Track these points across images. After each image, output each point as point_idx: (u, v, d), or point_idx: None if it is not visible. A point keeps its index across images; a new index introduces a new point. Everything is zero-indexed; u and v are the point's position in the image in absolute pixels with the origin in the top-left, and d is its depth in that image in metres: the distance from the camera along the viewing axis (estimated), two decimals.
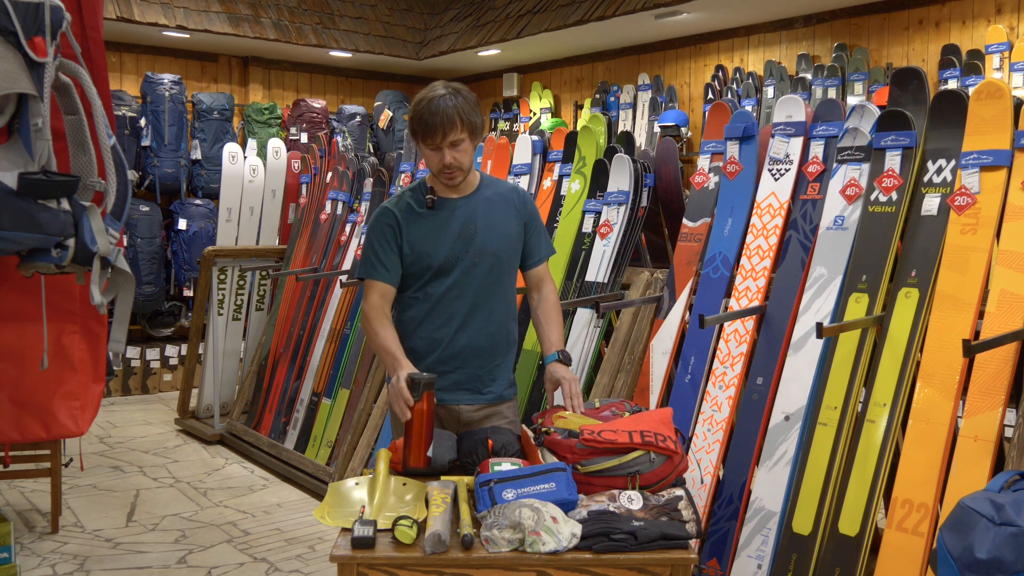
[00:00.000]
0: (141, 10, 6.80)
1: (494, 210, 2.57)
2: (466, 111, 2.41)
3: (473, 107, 2.45)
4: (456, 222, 2.52)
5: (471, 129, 2.43)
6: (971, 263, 2.55)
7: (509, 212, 2.59)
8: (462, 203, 2.55)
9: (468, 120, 2.41)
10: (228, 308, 5.84)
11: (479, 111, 2.49)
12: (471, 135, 2.44)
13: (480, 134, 2.50)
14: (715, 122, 3.40)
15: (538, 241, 2.68)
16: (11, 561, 3.36)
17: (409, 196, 2.57)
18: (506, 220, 2.58)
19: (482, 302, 2.54)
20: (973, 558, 1.75)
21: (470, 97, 2.46)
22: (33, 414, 3.63)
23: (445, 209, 2.53)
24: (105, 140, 3.16)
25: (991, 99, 2.60)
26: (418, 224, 2.52)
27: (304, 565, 3.69)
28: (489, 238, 2.54)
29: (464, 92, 2.44)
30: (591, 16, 6.58)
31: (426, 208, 2.52)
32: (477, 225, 2.53)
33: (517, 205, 2.62)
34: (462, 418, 2.56)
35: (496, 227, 2.56)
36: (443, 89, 2.42)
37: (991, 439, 2.37)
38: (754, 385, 2.97)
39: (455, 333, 2.53)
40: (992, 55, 5.12)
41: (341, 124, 7.93)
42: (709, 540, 2.93)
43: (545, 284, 2.70)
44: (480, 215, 2.54)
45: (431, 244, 2.51)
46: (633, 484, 2.10)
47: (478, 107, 2.49)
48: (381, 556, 1.89)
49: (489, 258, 2.53)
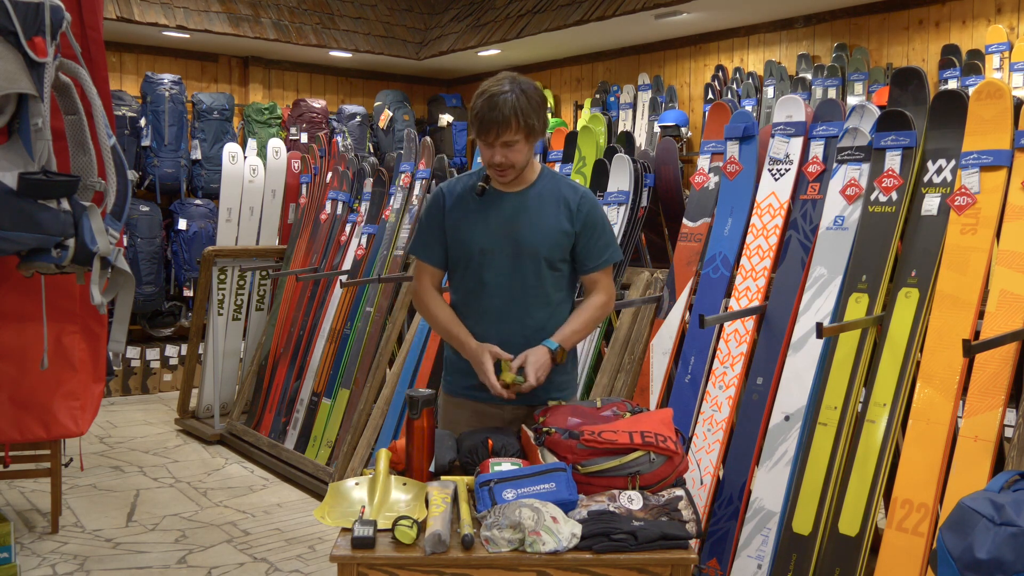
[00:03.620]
0: (141, 10, 6.80)
1: (545, 209, 2.46)
2: (526, 111, 2.30)
3: (536, 107, 2.34)
4: (501, 215, 2.45)
5: (528, 131, 2.33)
6: (971, 263, 2.55)
7: (560, 213, 2.47)
8: (512, 197, 2.47)
9: (526, 122, 2.31)
10: (228, 308, 5.83)
11: (542, 110, 2.37)
12: (527, 136, 2.34)
13: (540, 134, 2.40)
14: (715, 122, 3.40)
15: (594, 246, 2.50)
16: (11, 561, 3.36)
17: (466, 180, 2.52)
18: (555, 220, 2.46)
19: (519, 300, 2.46)
20: (973, 558, 1.75)
21: (534, 96, 2.35)
22: (33, 414, 3.63)
23: (494, 200, 2.47)
24: (105, 140, 3.16)
25: (991, 99, 2.60)
26: (463, 210, 2.47)
27: (304, 565, 3.69)
28: (532, 236, 2.44)
29: (529, 90, 2.34)
30: (591, 16, 6.57)
31: (476, 195, 2.47)
32: (522, 221, 2.44)
33: (573, 207, 2.48)
34: (506, 416, 2.50)
35: (542, 226, 2.45)
36: (507, 84, 2.31)
37: (991, 439, 2.37)
38: (754, 385, 2.97)
39: (489, 328, 2.46)
40: (992, 55, 5.12)
41: (341, 124, 7.93)
42: (709, 540, 2.93)
43: (596, 290, 2.54)
44: (527, 212, 2.45)
45: (469, 232, 2.45)
46: (633, 484, 2.10)
47: (543, 106, 2.38)
48: (381, 556, 1.89)
49: (529, 256, 2.44)
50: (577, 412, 2.32)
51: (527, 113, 2.31)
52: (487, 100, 2.31)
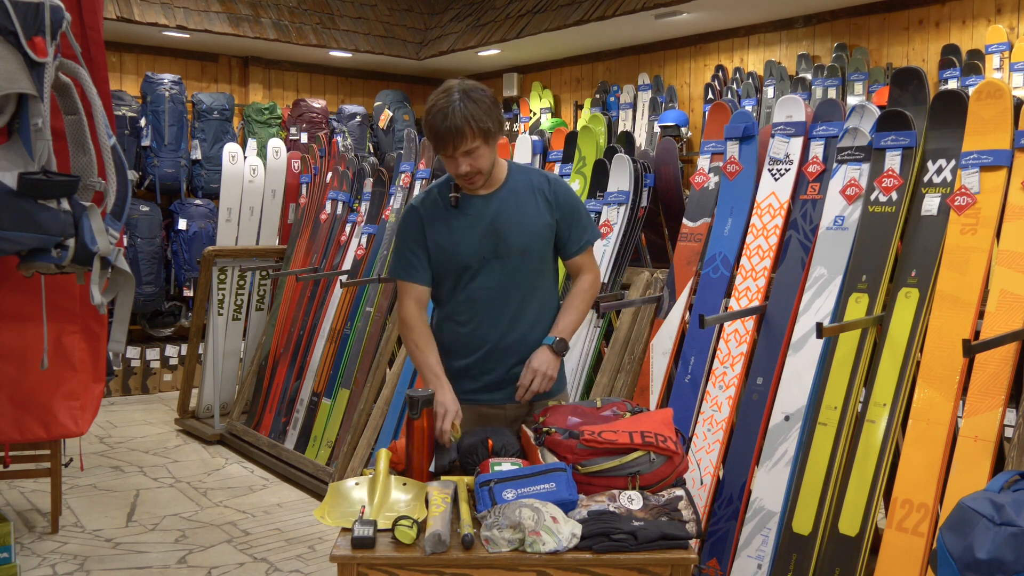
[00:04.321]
0: (141, 10, 6.80)
1: (523, 204, 2.46)
2: (477, 117, 2.27)
3: (486, 110, 2.30)
4: (482, 221, 2.43)
5: (484, 135, 2.30)
6: (971, 263, 2.55)
7: (539, 204, 2.47)
8: (487, 200, 2.45)
9: (480, 127, 2.28)
10: (228, 308, 5.83)
11: (495, 111, 2.34)
12: (486, 140, 2.31)
13: (498, 135, 2.38)
14: (715, 122, 3.40)
15: (575, 230, 2.52)
16: (11, 561, 3.36)
17: (436, 193, 2.49)
18: (536, 214, 2.46)
19: (511, 299, 2.46)
20: (973, 558, 1.75)
21: (483, 99, 2.31)
22: (33, 414, 3.63)
23: (471, 207, 2.44)
24: (105, 140, 3.16)
25: (991, 99, 2.60)
26: (443, 222, 2.44)
27: (304, 565, 3.69)
28: (518, 235, 2.43)
29: (476, 94, 2.31)
30: (591, 16, 6.58)
31: (451, 206, 2.44)
32: (504, 222, 2.43)
33: (549, 196, 2.48)
34: (508, 415, 2.52)
35: (525, 223, 2.45)
36: (455, 94, 2.28)
37: (991, 439, 2.37)
38: (754, 385, 2.97)
39: (487, 333, 2.46)
40: (992, 55, 5.12)
41: (341, 124, 7.93)
42: (709, 540, 2.93)
43: (582, 273, 2.57)
44: (507, 211, 2.44)
45: (455, 243, 2.43)
46: (633, 484, 2.10)
47: (494, 107, 2.35)
48: (381, 556, 1.89)
49: (517, 256, 2.44)
50: (577, 412, 2.33)
51: (479, 118, 2.28)
52: (437, 114, 2.28)
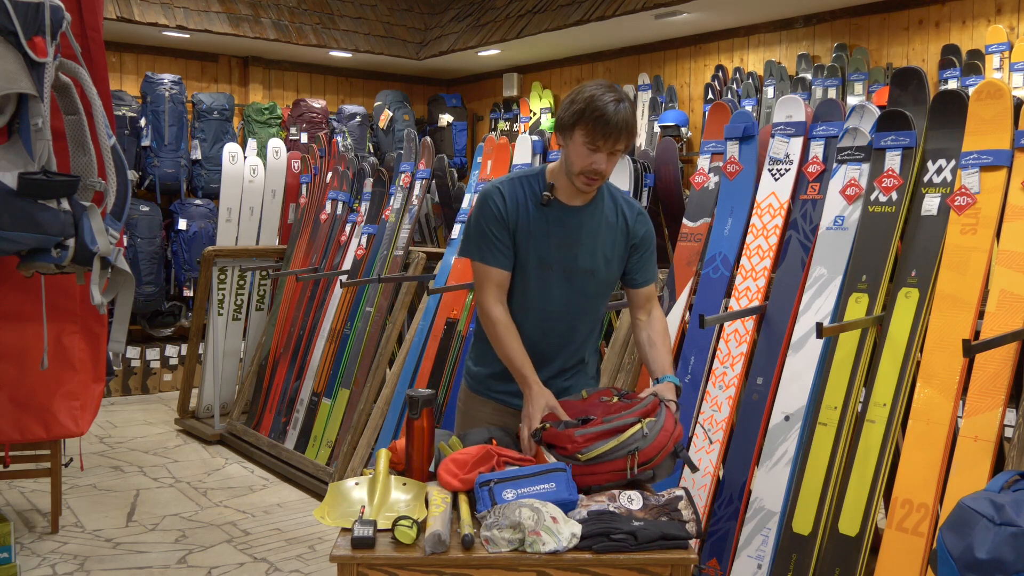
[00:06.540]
0: (141, 10, 6.80)
1: (604, 228, 2.41)
2: (632, 125, 2.28)
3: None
4: (562, 229, 2.37)
5: (628, 144, 2.31)
6: (971, 263, 2.55)
7: (618, 231, 2.43)
8: (575, 211, 2.38)
9: (630, 134, 2.29)
10: (228, 308, 5.84)
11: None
12: (625, 149, 2.33)
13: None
14: (715, 122, 3.40)
15: (647, 263, 2.51)
16: (11, 561, 3.36)
17: (522, 183, 2.40)
18: (613, 239, 2.42)
19: (567, 315, 2.41)
20: (973, 558, 1.75)
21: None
22: (33, 414, 3.63)
23: (555, 211, 2.37)
24: (105, 140, 3.16)
25: (991, 99, 2.60)
26: (524, 217, 2.37)
27: (304, 565, 3.69)
28: (590, 257, 2.39)
29: (630, 101, 2.32)
30: (591, 16, 6.57)
31: (539, 204, 2.37)
32: (581, 239, 2.38)
33: (631, 225, 2.45)
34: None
35: (601, 248, 2.40)
36: (622, 94, 2.27)
37: (991, 439, 2.37)
38: (754, 385, 2.97)
39: (534, 342, 2.39)
40: (992, 55, 5.12)
41: (341, 124, 7.93)
42: (709, 540, 2.93)
43: (655, 306, 2.53)
44: (589, 229, 2.39)
45: (528, 243, 2.36)
46: (632, 463, 2.10)
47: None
48: (381, 556, 1.89)
49: (584, 275, 2.39)
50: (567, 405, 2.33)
51: (632, 127, 2.30)
52: (608, 104, 2.24)
